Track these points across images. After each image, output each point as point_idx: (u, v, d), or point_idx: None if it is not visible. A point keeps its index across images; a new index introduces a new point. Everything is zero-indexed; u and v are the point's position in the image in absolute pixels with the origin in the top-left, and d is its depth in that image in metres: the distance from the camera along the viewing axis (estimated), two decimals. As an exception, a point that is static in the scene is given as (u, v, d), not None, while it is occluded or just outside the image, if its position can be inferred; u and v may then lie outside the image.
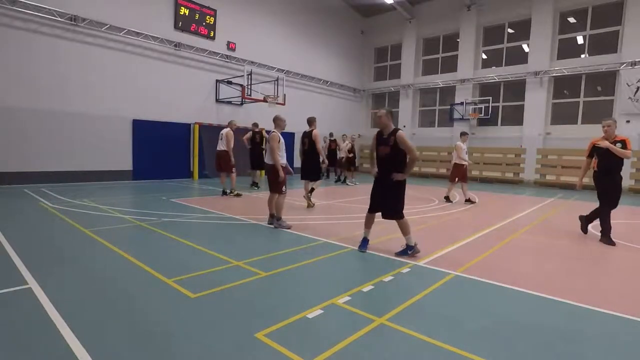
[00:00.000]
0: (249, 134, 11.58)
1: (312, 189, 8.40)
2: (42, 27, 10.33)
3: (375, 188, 4.78)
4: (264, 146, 11.76)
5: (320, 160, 8.32)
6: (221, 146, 9.47)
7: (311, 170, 8.32)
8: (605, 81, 15.04)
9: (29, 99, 10.16)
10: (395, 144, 4.54)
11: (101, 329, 2.58)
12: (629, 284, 3.94)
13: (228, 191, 9.55)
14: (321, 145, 8.48)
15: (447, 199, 9.65)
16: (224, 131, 9.53)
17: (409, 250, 4.57)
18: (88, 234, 5.23)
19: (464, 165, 9.51)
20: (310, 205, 8.08)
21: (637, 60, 13.74)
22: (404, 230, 4.60)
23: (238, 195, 9.45)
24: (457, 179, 9.62)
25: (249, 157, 11.67)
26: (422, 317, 2.93)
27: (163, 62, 13.04)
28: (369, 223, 4.83)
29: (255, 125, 11.87)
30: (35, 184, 10.16)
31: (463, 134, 9.81)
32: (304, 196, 8.26)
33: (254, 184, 11.88)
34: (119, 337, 2.50)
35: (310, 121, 8.33)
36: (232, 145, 9.39)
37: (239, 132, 13.39)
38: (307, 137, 8.23)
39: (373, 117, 22.85)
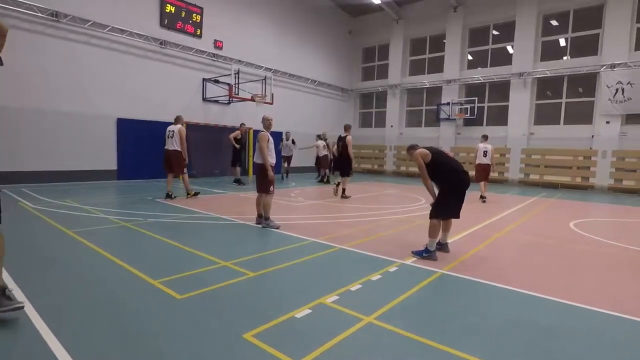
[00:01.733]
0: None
1: (339, 183, 9.83)
2: (22, 22, 10.04)
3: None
4: (237, 145, 12.14)
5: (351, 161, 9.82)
6: (172, 145, 8.49)
7: (343, 169, 9.82)
8: (586, 83, 15.43)
9: (8, 96, 9.87)
10: None
11: (85, 333, 2.53)
12: (611, 281, 4.05)
13: (173, 195, 8.54)
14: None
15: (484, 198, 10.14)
16: (175, 128, 8.55)
17: (424, 253, 4.51)
18: (71, 235, 5.11)
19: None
20: (345, 197, 9.61)
21: (616, 62, 14.14)
22: (428, 231, 4.59)
23: (196, 194, 8.99)
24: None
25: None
26: (410, 316, 2.96)
27: (148, 60, 12.83)
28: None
29: (240, 125, 12.25)
30: (14, 184, 9.88)
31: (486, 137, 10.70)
32: (334, 189, 9.97)
33: (237, 181, 12.30)
34: (104, 340, 2.45)
35: (346, 128, 9.94)
36: (185, 144, 8.57)
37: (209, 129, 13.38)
38: (342, 141, 9.73)
39: (361, 117, 22.96)
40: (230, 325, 2.69)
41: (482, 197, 10.07)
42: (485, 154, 10.23)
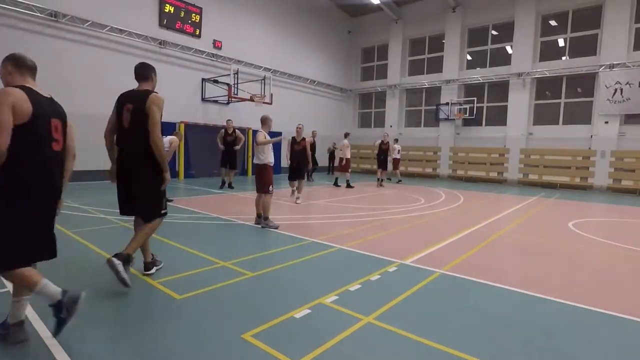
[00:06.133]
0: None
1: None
2: (20, 22, 10.03)
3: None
4: (221, 145, 11.23)
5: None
6: None
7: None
8: (585, 83, 15.45)
9: (7, 96, 9.84)
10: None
11: (84, 333, 2.53)
12: (610, 281, 4.06)
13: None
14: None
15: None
16: (170, 138, 7.98)
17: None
18: (70, 235, 5.11)
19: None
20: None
21: (615, 62, 14.16)
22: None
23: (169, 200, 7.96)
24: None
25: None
26: (408, 316, 2.96)
27: (148, 60, 12.71)
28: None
29: (227, 121, 11.86)
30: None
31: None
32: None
33: (224, 184, 11.54)
34: (103, 341, 2.46)
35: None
36: (171, 153, 7.90)
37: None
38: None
39: (360, 117, 22.97)
40: (229, 325, 2.69)
41: (387, 179, 15.10)
42: (398, 152, 15.28)
